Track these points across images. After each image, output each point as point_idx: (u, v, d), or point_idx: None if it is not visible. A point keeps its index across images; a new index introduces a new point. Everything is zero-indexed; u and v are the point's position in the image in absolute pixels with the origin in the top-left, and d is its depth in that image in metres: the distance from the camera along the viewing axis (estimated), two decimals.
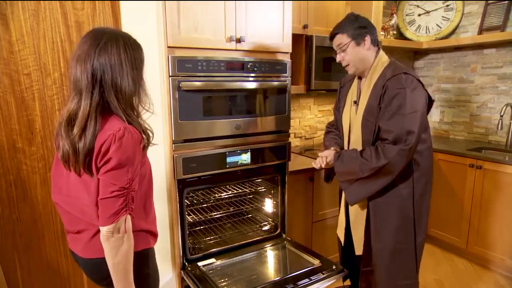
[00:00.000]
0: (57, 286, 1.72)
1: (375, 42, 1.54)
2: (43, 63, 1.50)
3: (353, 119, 1.60)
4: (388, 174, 1.44)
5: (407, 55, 3.43)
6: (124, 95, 1.02)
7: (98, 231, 1.06)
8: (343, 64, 1.56)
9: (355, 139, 1.59)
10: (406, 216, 1.53)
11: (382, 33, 2.95)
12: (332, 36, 1.57)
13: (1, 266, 1.52)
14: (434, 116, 3.34)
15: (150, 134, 1.11)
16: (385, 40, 2.88)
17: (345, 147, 1.69)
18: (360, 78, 1.62)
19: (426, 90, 1.47)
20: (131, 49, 1.04)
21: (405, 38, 3.28)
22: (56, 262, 1.69)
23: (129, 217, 1.04)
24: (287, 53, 1.92)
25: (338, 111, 1.78)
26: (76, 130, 0.98)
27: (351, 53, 1.51)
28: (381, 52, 1.55)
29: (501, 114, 2.67)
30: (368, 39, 1.51)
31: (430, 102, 1.51)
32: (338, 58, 1.56)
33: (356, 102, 1.59)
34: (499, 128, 2.70)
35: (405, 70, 1.44)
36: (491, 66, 2.86)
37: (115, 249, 1.02)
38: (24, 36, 1.45)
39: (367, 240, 1.61)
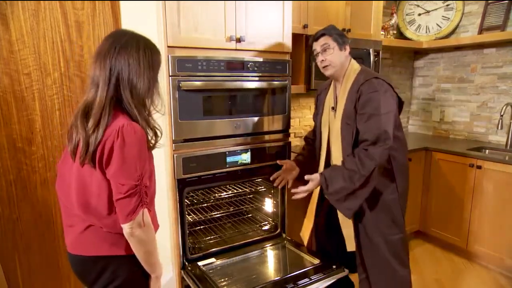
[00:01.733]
0: (57, 285, 1.72)
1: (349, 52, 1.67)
2: (43, 62, 1.50)
3: (332, 124, 1.67)
4: (375, 177, 1.49)
5: (407, 55, 3.43)
6: (138, 93, 1.07)
7: (88, 227, 1.10)
8: (324, 64, 1.62)
9: (335, 143, 1.65)
10: (397, 213, 1.64)
11: (382, 32, 2.95)
12: (317, 37, 1.63)
13: (2, 265, 1.52)
14: (434, 116, 3.34)
15: (159, 134, 1.15)
16: (385, 40, 2.88)
17: (323, 151, 1.74)
18: (335, 85, 1.71)
19: (396, 93, 1.58)
20: (149, 51, 1.10)
21: (405, 38, 3.28)
22: (56, 261, 1.69)
23: (146, 210, 1.09)
24: (287, 52, 1.92)
25: (317, 117, 1.86)
26: (91, 123, 1.01)
27: (334, 55, 1.60)
28: (353, 61, 1.66)
29: (501, 113, 2.67)
30: (348, 47, 1.63)
31: (400, 103, 1.62)
32: (320, 57, 1.63)
33: (334, 108, 1.67)
34: (499, 128, 2.70)
35: (376, 75, 1.55)
36: (491, 66, 2.86)
37: (140, 243, 1.10)
38: (24, 36, 1.46)
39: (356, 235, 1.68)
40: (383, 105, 1.48)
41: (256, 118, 1.85)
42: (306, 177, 1.64)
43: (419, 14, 3.23)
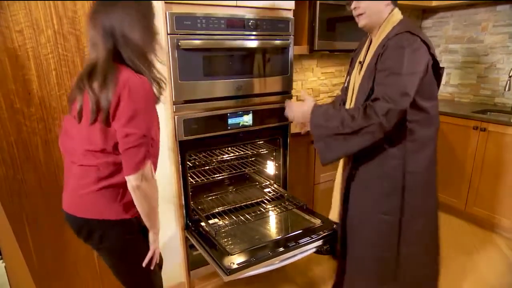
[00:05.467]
0: (66, 241, 1.77)
1: None
2: (34, 18, 1.44)
3: (356, 80, 1.43)
4: (371, 133, 1.28)
5: (415, 14, 3.28)
6: (136, 46, 1.07)
7: (83, 186, 1.10)
8: (357, 12, 1.37)
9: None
10: (393, 186, 1.38)
11: None
12: None
13: (11, 226, 1.56)
14: None
15: (162, 85, 1.17)
16: None
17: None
18: (371, 39, 1.44)
19: (433, 55, 1.31)
20: (139, 4, 1.10)
21: None
22: (62, 219, 1.72)
23: (151, 164, 1.11)
24: (289, 10, 1.83)
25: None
26: (97, 82, 1.02)
27: (371, 1, 1.33)
28: (396, 10, 1.37)
29: (510, 75, 2.59)
30: None
31: (438, 68, 1.36)
32: (354, 4, 1.37)
33: (361, 62, 1.43)
34: (507, 90, 2.64)
35: (411, 30, 1.27)
36: (503, 24, 2.74)
37: (145, 197, 1.11)
38: None
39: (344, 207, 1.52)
40: (408, 64, 1.22)
41: (257, 79, 1.80)
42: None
43: None
